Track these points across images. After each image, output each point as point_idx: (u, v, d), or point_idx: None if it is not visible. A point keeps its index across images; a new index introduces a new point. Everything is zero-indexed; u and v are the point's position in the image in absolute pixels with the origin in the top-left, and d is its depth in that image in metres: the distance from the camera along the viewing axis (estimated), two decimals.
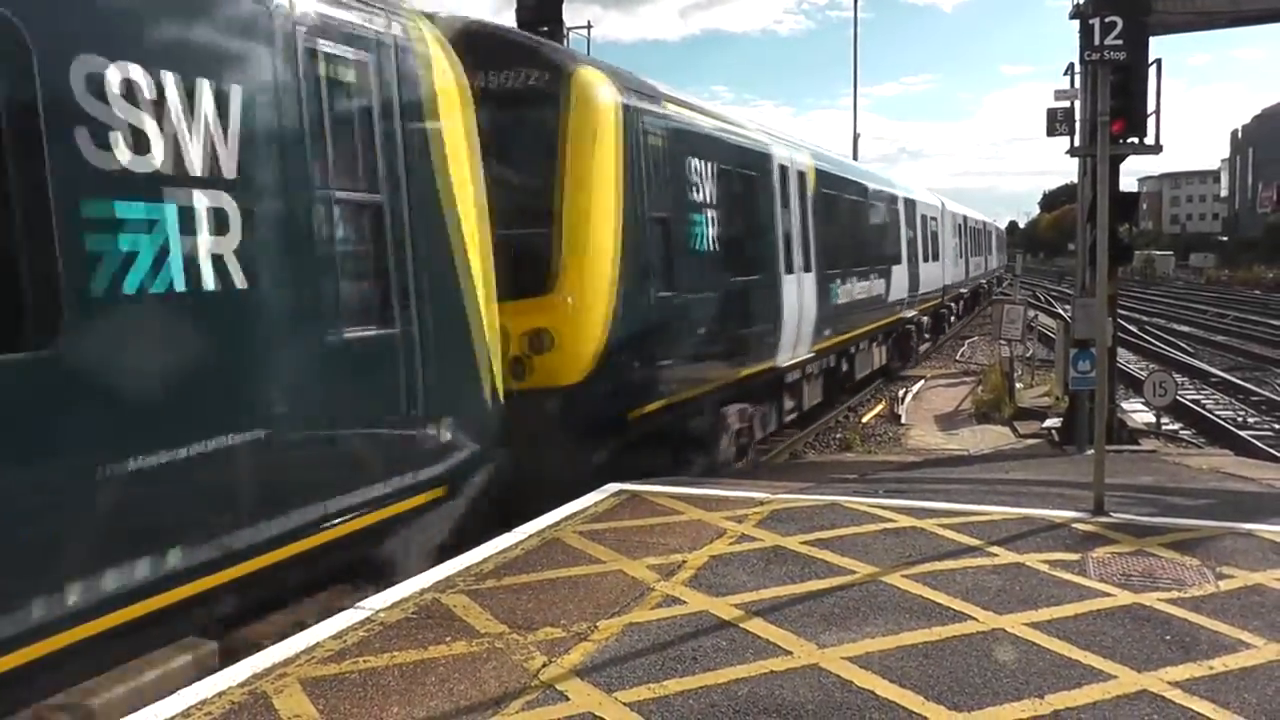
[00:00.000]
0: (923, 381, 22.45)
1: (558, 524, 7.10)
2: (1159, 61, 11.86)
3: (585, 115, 8.72)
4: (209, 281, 4.81)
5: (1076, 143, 13.43)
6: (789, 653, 4.73)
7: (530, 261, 8.45)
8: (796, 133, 13.85)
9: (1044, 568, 5.97)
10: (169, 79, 4.61)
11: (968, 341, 31.78)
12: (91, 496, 4.29)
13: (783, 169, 13.79)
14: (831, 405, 17.67)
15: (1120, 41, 7.31)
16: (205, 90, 4.82)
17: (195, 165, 4.74)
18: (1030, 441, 14.58)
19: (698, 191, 10.79)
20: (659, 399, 9.72)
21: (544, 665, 4.61)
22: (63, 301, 4.14)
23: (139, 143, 4.45)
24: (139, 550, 4.52)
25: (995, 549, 6.37)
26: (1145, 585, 5.67)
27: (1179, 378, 18.78)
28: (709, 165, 11.09)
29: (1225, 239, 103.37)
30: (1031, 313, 28.11)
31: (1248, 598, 5.46)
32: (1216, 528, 6.89)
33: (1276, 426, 17.56)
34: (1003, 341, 19.77)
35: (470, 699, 4.29)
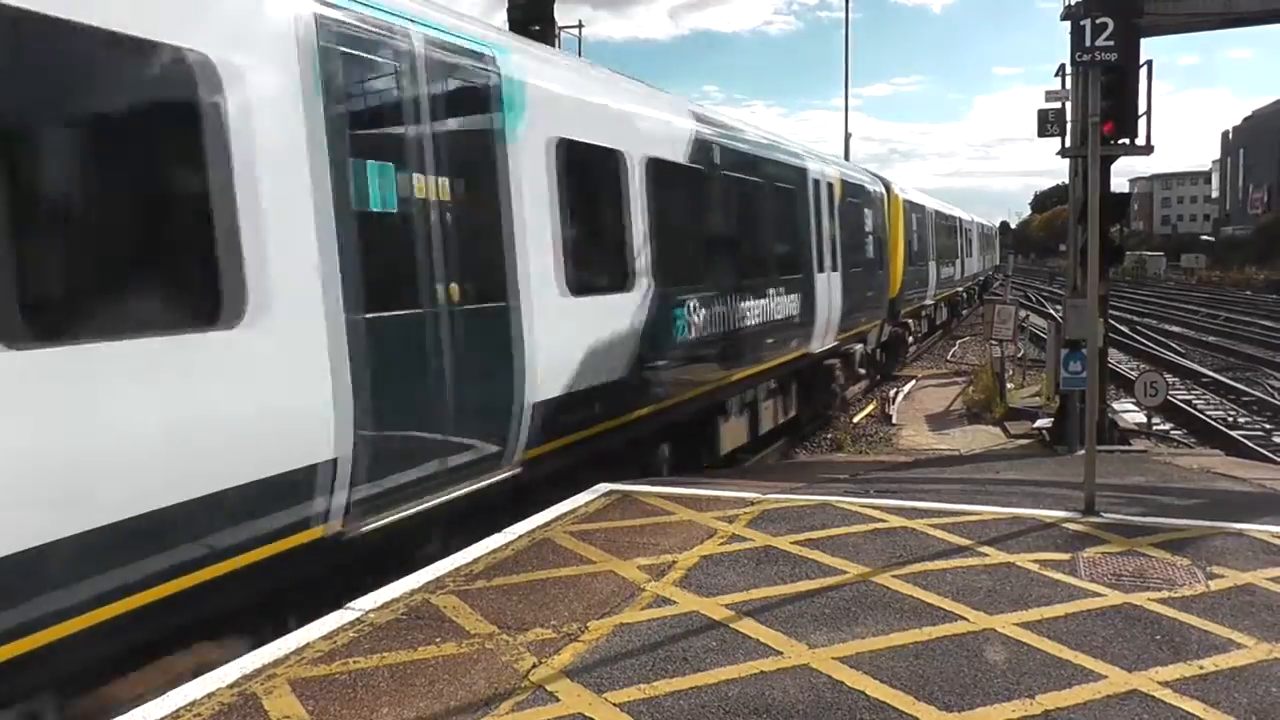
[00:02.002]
0: (914, 381, 22.51)
1: (548, 524, 7.08)
2: (1150, 63, 11.85)
3: (893, 203, 23.07)
4: (871, 254, 19.90)
5: (1067, 144, 13.46)
6: (779, 653, 4.73)
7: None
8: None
9: (1034, 568, 5.98)
10: (867, 210, 19.87)
11: (959, 342, 31.87)
12: (866, 298, 19.29)
13: (927, 210, 29.90)
14: (927, 337, 31.50)
15: (1111, 43, 7.34)
16: (870, 213, 19.94)
17: (873, 231, 20.21)
18: (1021, 442, 14.60)
19: (913, 228, 26.32)
20: (904, 308, 24.09)
21: (534, 666, 4.60)
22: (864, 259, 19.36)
23: (862, 226, 19.74)
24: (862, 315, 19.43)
25: (986, 549, 6.38)
26: (1136, 585, 5.67)
27: (1170, 378, 18.85)
28: (914, 216, 26.76)
29: (1213, 239, 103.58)
30: (1023, 313, 28.52)
31: (1238, 597, 5.47)
32: (1207, 527, 6.90)
33: (1267, 426, 17.63)
34: (994, 342, 19.84)
35: (460, 700, 4.28)
